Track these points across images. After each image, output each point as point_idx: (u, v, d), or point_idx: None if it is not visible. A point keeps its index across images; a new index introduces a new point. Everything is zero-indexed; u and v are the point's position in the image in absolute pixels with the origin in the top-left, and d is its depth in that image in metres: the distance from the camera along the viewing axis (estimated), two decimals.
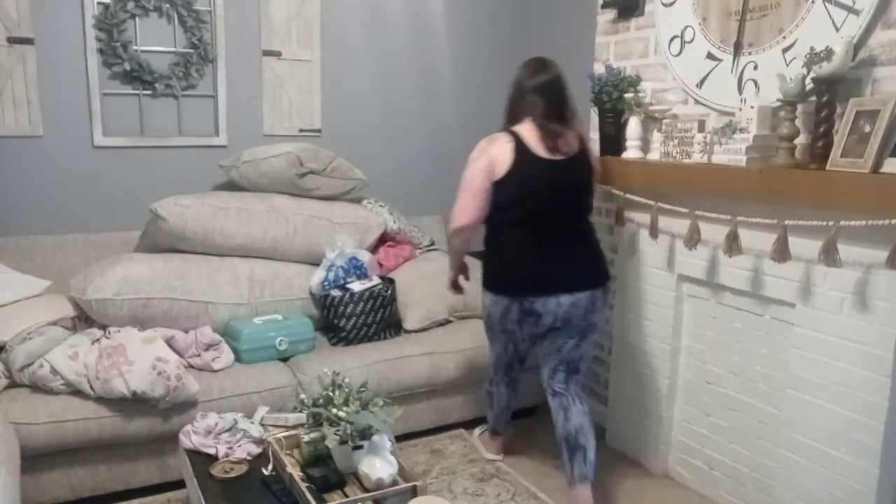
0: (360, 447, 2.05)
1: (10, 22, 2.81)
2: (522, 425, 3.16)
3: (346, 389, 2.15)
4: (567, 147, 2.37)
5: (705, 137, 2.39)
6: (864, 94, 2.07)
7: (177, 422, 2.43)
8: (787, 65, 2.26)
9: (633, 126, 2.77)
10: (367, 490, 1.99)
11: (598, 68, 3.05)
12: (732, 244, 2.27)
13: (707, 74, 2.56)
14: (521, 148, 2.34)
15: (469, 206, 2.39)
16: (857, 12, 2.05)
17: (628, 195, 2.70)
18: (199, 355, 2.64)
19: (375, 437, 2.04)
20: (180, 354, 2.60)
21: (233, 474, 2.09)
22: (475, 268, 3.35)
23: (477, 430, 3.05)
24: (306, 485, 1.95)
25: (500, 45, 3.91)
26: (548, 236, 2.37)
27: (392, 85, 3.69)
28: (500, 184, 2.35)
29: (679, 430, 2.74)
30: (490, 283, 2.50)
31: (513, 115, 2.44)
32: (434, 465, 2.79)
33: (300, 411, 2.28)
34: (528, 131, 2.37)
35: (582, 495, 2.38)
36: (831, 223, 1.98)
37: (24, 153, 2.93)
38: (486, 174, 2.35)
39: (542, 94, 2.39)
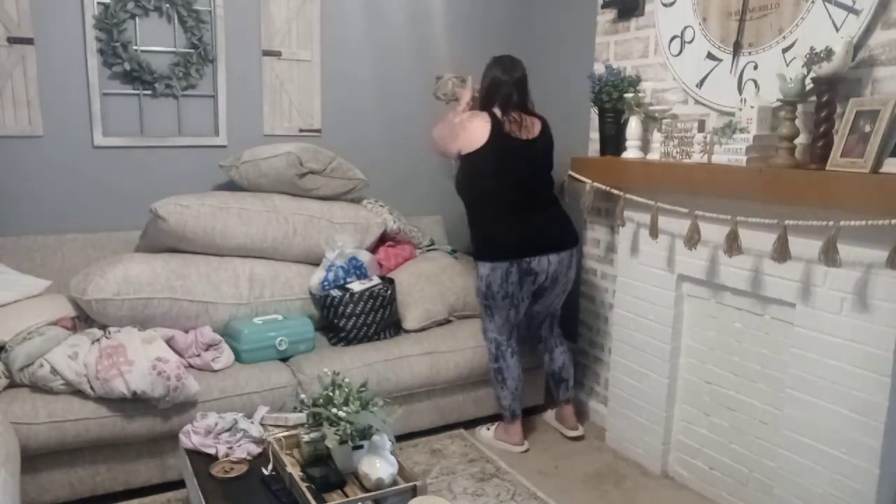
0: (360, 447, 2.05)
1: (10, 22, 2.81)
2: (522, 425, 3.16)
3: (346, 389, 2.15)
4: (529, 131, 2.80)
5: (705, 137, 2.39)
6: (864, 94, 2.07)
7: (177, 422, 2.43)
8: (787, 65, 2.26)
9: (633, 126, 2.78)
10: (367, 490, 1.99)
11: (598, 68, 3.06)
12: (732, 244, 2.27)
13: (707, 74, 2.56)
14: (497, 127, 2.74)
15: (440, 151, 2.99)
16: (857, 12, 2.05)
17: (628, 195, 2.70)
18: (199, 355, 2.64)
19: (375, 437, 2.04)
20: (180, 354, 2.60)
21: (233, 474, 2.09)
22: (475, 266, 3.36)
23: (483, 430, 3.05)
24: (306, 485, 1.95)
25: (500, 45, 3.90)
26: (527, 205, 2.78)
27: (392, 85, 3.69)
28: (476, 155, 2.75)
29: (679, 430, 2.74)
30: (487, 253, 2.80)
31: (486, 103, 2.84)
32: (434, 465, 2.79)
33: (300, 411, 2.28)
34: (500, 115, 2.78)
35: (566, 411, 3.07)
36: (831, 223, 1.98)
37: (24, 153, 2.93)
38: (457, 147, 2.81)
39: (515, 87, 2.80)
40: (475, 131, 2.76)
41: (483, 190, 2.80)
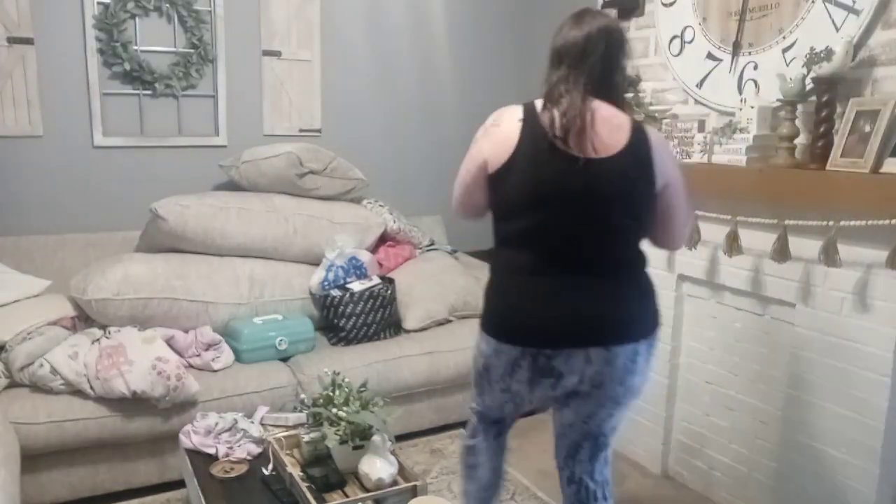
0: (360, 447, 2.05)
1: (10, 22, 2.81)
2: (522, 425, 3.16)
3: (346, 389, 2.15)
4: (599, 141, 1.62)
5: (705, 137, 2.39)
6: (864, 94, 2.07)
7: (177, 422, 2.43)
8: (787, 65, 2.26)
9: None
10: (367, 490, 2.00)
11: None
12: (732, 244, 2.27)
13: (707, 74, 2.56)
14: (532, 129, 1.65)
15: (460, 202, 1.84)
16: (857, 12, 2.05)
17: None
18: (199, 355, 2.64)
19: (375, 437, 2.04)
20: (180, 354, 2.60)
21: (233, 474, 2.09)
22: (475, 266, 3.36)
23: None
24: (306, 485, 1.95)
25: (501, 45, 3.92)
26: (570, 263, 1.67)
27: (392, 84, 3.69)
28: (498, 177, 1.69)
29: (679, 430, 2.74)
30: (490, 325, 1.77)
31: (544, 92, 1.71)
32: (434, 464, 2.79)
33: (300, 411, 2.28)
34: (541, 106, 1.68)
35: None
36: (831, 223, 1.98)
37: (24, 153, 2.93)
38: (479, 163, 1.71)
39: (583, 54, 1.66)
40: (502, 135, 1.68)
41: (504, 222, 1.75)
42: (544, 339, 1.68)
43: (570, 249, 1.67)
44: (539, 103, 1.68)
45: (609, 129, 1.64)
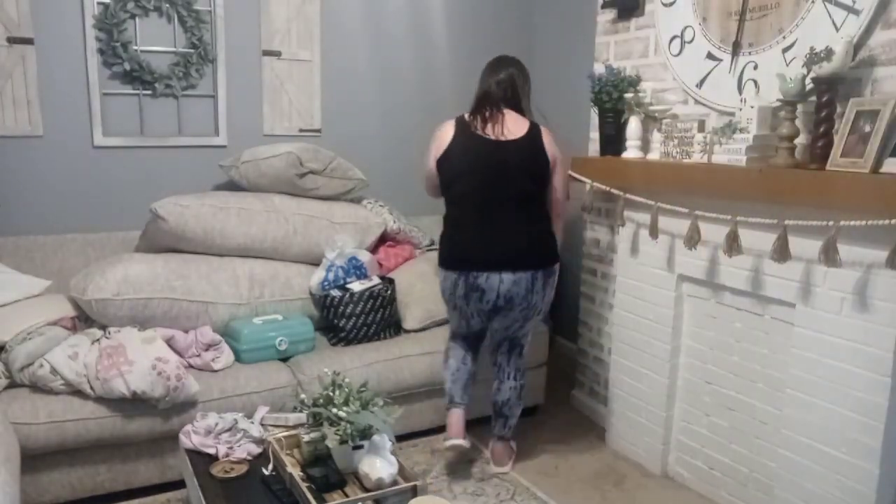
0: (361, 447, 2.05)
1: (10, 22, 2.81)
2: (522, 425, 3.16)
3: (346, 389, 2.15)
4: (507, 132, 2.55)
5: (705, 137, 2.39)
6: (864, 94, 2.07)
7: (177, 422, 2.43)
8: (787, 65, 2.26)
9: (633, 126, 2.78)
10: (367, 490, 2.00)
11: (598, 68, 3.05)
12: (732, 244, 2.27)
13: (707, 74, 2.56)
14: (461, 126, 2.59)
15: (427, 186, 2.78)
16: (857, 12, 2.05)
17: (628, 195, 2.70)
18: (199, 355, 2.64)
19: (375, 437, 2.04)
20: (180, 354, 2.60)
21: (233, 474, 2.09)
22: None
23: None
24: (306, 485, 1.95)
25: (501, 45, 3.91)
26: (489, 213, 2.53)
27: (392, 85, 3.69)
28: (443, 159, 2.60)
29: (679, 430, 2.74)
30: (441, 259, 2.65)
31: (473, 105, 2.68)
32: (434, 465, 2.79)
33: (300, 411, 2.28)
34: (468, 115, 2.63)
35: (497, 448, 2.80)
36: (831, 223, 1.98)
37: (24, 153, 2.93)
38: (433, 158, 2.64)
39: (497, 84, 2.63)
40: (442, 135, 2.62)
41: (448, 191, 2.62)
42: (471, 265, 2.54)
43: (490, 206, 2.53)
44: (467, 115, 2.61)
45: (513, 124, 2.57)
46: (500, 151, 2.52)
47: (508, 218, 2.53)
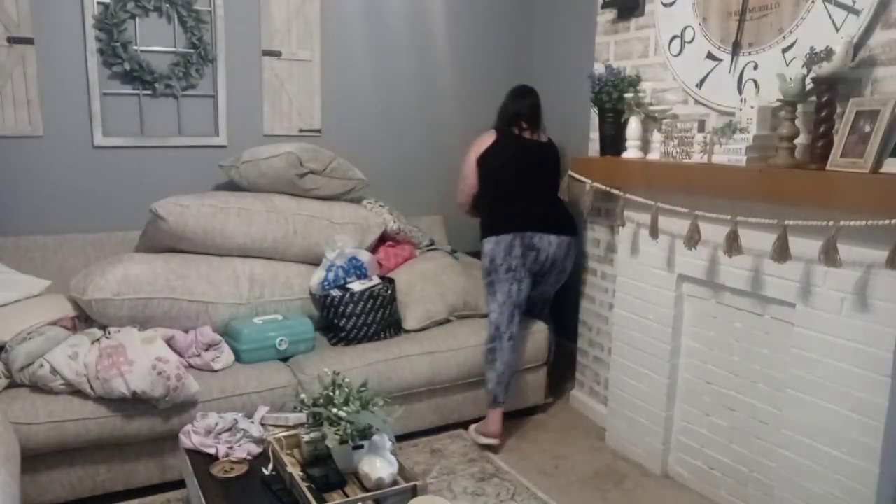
0: (361, 447, 2.05)
1: (10, 22, 2.81)
2: (523, 425, 3.16)
3: (346, 389, 2.15)
4: (538, 137, 3.17)
5: (705, 137, 2.39)
6: (864, 94, 2.07)
7: (177, 422, 2.43)
8: (787, 65, 2.26)
9: (633, 126, 2.78)
10: (367, 490, 1.99)
11: (598, 68, 3.05)
12: (732, 244, 2.27)
13: (707, 74, 2.56)
14: (501, 133, 3.14)
15: (463, 191, 3.24)
16: (857, 12, 2.05)
17: (628, 195, 2.70)
18: (199, 355, 2.64)
19: (375, 437, 2.04)
20: (180, 354, 2.60)
21: (233, 474, 2.09)
22: (475, 266, 3.36)
23: (472, 426, 3.05)
24: (306, 484, 1.95)
25: (501, 45, 3.92)
26: (530, 193, 3.06)
27: (392, 85, 3.69)
28: (486, 154, 3.10)
29: (679, 430, 2.74)
30: (492, 228, 3.02)
31: (501, 121, 3.20)
32: (434, 464, 2.79)
33: (300, 411, 2.28)
34: (509, 125, 3.17)
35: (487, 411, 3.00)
36: (831, 223, 1.98)
37: (24, 153, 2.93)
38: (470, 166, 3.15)
39: (527, 108, 3.17)
40: (482, 141, 3.14)
41: (492, 177, 3.09)
42: (526, 226, 2.99)
43: (531, 186, 3.08)
44: (500, 128, 3.20)
45: (539, 135, 3.19)
46: (536, 148, 3.13)
47: (544, 196, 3.08)
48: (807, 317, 2.18)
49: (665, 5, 2.73)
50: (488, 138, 3.13)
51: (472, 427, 3.02)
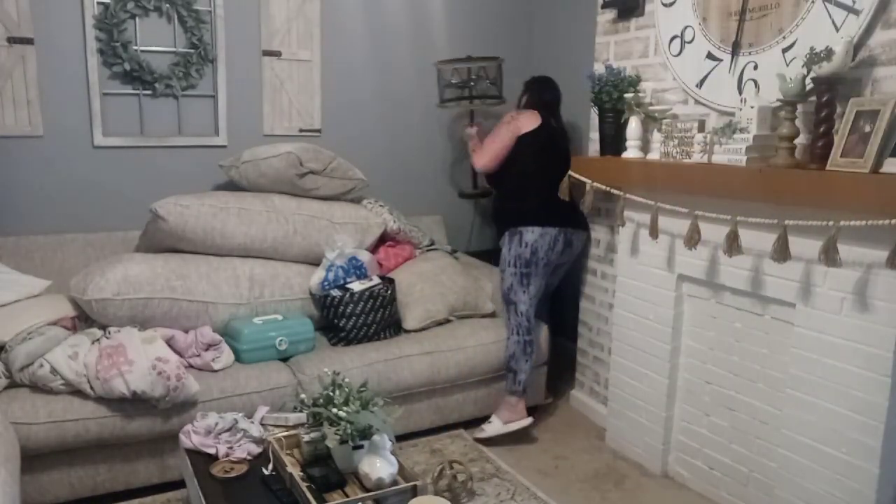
0: (361, 447, 2.05)
1: (10, 22, 2.81)
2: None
3: (346, 389, 2.15)
4: (561, 128, 3.24)
5: (705, 137, 2.39)
6: (864, 94, 2.07)
7: (177, 422, 2.43)
8: (787, 65, 2.26)
9: (633, 126, 2.78)
10: (367, 490, 2.00)
11: (598, 68, 3.05)
12: (732, 244, 2.27)
13: (707, 74, 2.56)
14: (545, 119, 3.11)
15: (493, 155, 3.13)
16: (857, 12, 2.05)
17: (628, 195, 2.70)
18: (199, 355, 2.64)
19: (375, 437, 2.04)
20: (180, 354, 2.60)
21: (233, 474, 2.09)
22: (475, 266, 3.36)
23: (488, 425, 2.99)
24: (306, 484, 1.95)
25: (501, 45, 3.91)
26: (556, 186, 2.97)
27: (392, 85, 3.69)
28: (532, 135, 3.07)
29: (679, 430, 2.74)
30: (539, 218, 3.00)
31: (537, 107, 3.18)
32: (434, 465, 2.79)
33: (300, 411, 2.28)
34: (542, 112, 3.16)
35: (507, 401, 3.03)
36: (831, 223, 1.98)
37: (24, 153, 2.93)
38: (512, 134, 3.08)
39: (554, 100, 3.24)
40: (526, 119, 3.09)
41: (534, 165, 3.06)
42: (566, 222, 3.06)
43: (558, 177, 2.96)
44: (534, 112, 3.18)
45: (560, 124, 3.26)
46: (564, 139, 3.22)
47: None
48: (807, 317, 2.18)
49: (665, 5, 2.73)
50: (533, 120, 3.08)
51: (496, 421, 2.97)
